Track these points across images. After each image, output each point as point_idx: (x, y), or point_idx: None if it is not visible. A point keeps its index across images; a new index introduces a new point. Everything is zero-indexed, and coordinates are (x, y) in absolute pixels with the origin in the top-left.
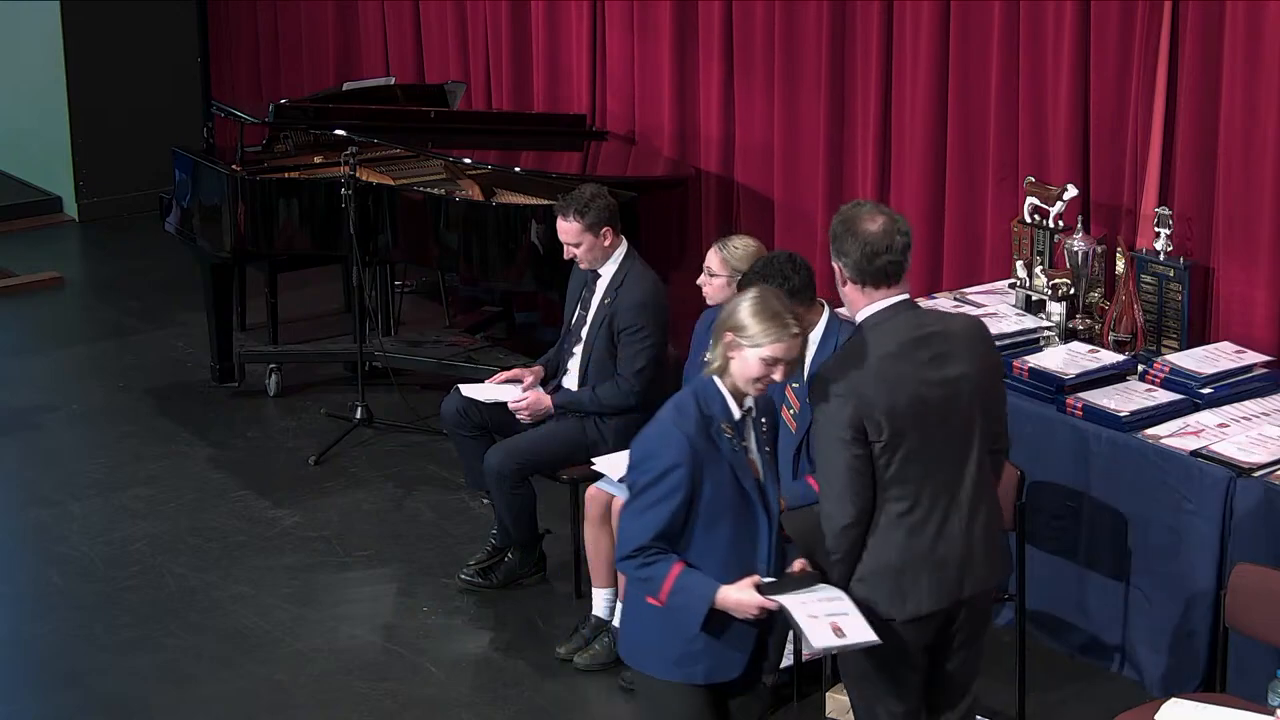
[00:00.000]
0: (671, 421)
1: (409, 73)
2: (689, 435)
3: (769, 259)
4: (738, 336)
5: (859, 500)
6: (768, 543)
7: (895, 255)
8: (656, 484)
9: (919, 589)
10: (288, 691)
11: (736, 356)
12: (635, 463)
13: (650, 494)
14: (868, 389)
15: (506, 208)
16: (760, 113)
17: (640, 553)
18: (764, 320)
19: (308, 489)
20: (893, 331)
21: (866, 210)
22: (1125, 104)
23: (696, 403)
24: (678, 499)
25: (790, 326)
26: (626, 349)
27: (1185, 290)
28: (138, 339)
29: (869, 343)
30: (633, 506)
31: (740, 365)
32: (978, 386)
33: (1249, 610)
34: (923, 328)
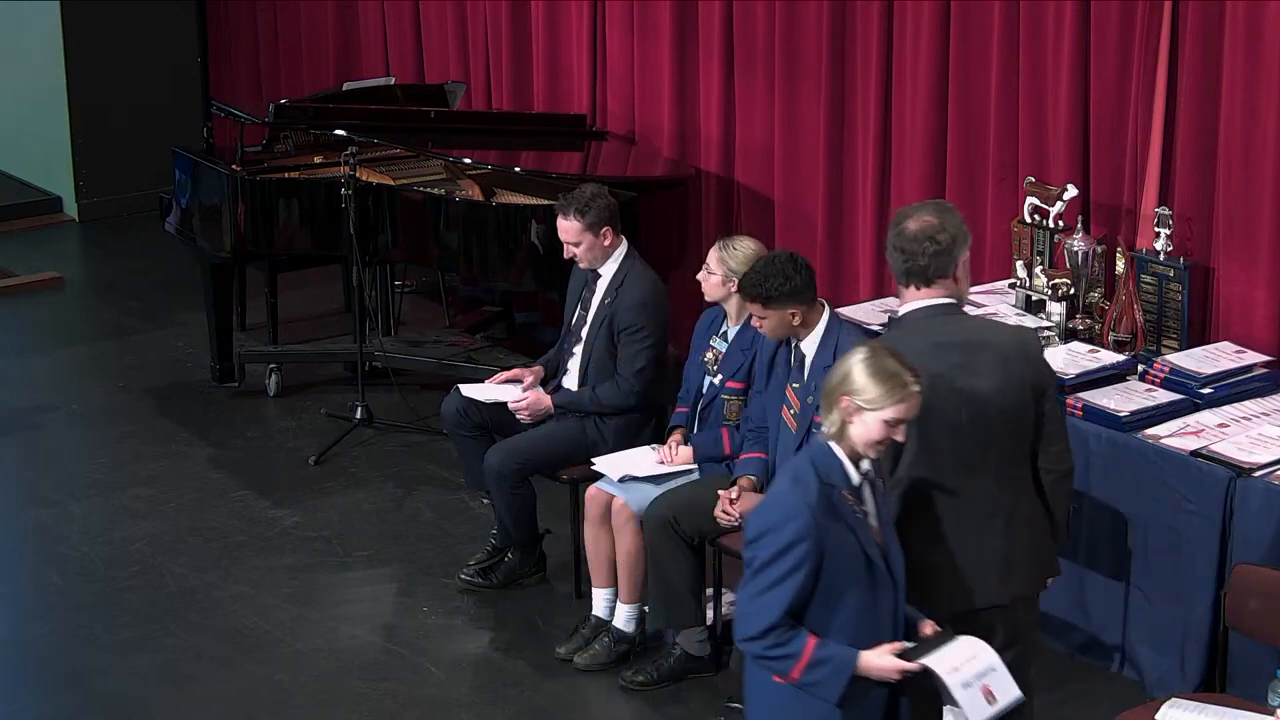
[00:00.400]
0: (791, 493)
1: (409, 73)
2: (810, 506)
3: (770, 259)
4: (855, 400)
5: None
6: (895, 609)
7: (922, 259)
8: (779, 559)
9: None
10: (288, 691)
11: (856, 420)
12: (754, 538)
13: (773, 570)
14: None
15: (506, 208)
16: (760, 113)
17: (769, 633)
18: (883, 381)
19: (308, 489)
20: (925, 332)
21: (914, 209)
22: (1125, 104)
23: (815, 471)
24: (803, 573)
25: (910, 384)
26: (626, 349)
27: (1185, 290)
28: (138, 339)
29: (899, 339)
30: (754, 585)
31: (861, 429)
32: (1006, 404)
33: (1249, 610)
34: (958, 334)
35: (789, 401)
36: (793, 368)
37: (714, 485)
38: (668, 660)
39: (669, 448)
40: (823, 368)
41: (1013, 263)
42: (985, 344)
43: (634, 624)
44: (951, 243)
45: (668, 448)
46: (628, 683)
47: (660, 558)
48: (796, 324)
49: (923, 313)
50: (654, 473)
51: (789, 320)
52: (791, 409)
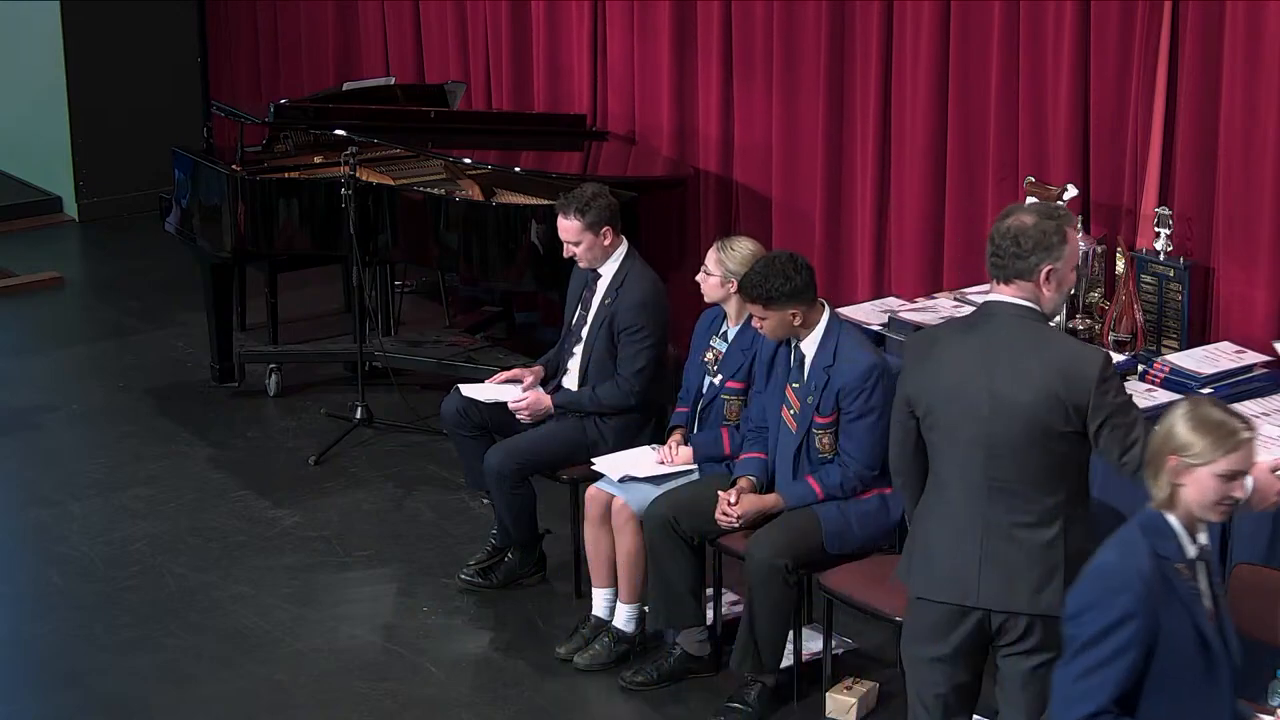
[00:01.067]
0: (1120, 564)
1: (409, 73)
2: (1143, 577)
3: (770, 259)
4: (1183, 458)
5: (893, 458)
6: (1232, 702)
7: (1001, 257)
8: (1106, 638)
9: (924, 571)
10: (288, 691)
11: (1187, 480)
12: (1076, 613)
13: (1098, 651)
14: (911, 367)
15: (506, 208)
16: (759, 113)
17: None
18: (1208, 431)
19: (308, 489)
20: (994, 330)
21: (1021, 209)
22: (1125, 104)
23: (1147, 542)
24: (1132, 655)
25: (1240, 431)
26: (626, 349)
27: (1185, 290)
28: (138, 339)
29: (968, 324)
30: (1075, 666)
31: (1195, 490)
32: (1032, 416)
33: (1249, 610)
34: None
35: (789, 401)
36: (792, 368)
37: (714, 485)
38: (668, 660)
39: (669, 448)
40: (822, 368)
41: None
42: (1034, 352)
43: (634, 624)
44: (1034, 248)
45: (668, 448)
46: (628, 683)
47: (660, 558)
48: (797, 324)
49: (994, 308)
50: (654, 473)
51: (789, 321)
52: (791, 409)
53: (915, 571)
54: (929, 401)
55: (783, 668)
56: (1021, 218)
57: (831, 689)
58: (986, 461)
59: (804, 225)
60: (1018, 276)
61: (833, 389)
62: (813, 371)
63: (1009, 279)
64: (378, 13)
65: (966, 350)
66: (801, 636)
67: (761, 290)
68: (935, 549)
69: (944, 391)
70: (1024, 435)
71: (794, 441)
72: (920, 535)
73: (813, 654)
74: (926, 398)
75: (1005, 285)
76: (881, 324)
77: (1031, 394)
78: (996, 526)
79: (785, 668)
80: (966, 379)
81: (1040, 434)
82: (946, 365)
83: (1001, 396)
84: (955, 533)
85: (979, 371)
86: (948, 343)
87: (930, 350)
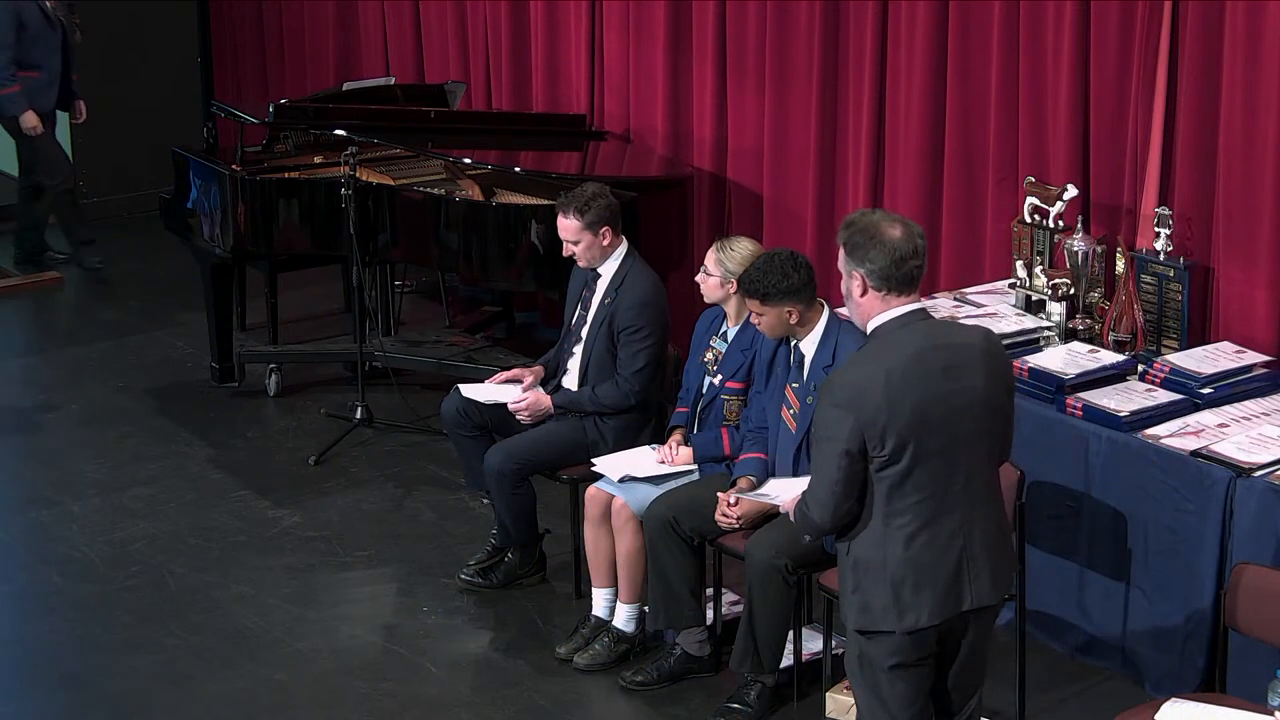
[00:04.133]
0: None
1: (409, 73)
2: None
3: (770, 256)
4: None
5: (839, 511)
6: None
7: (919, 260)
8: None
9: (919, 601)
10: (288, 691)
11: None
12: None
13: None
14: (872, 404)
15: (506, 208)
16: (752, 114)
17: None
18: None
19: (308, 489)
20: (906, 341)
21: (881, 217)
22: (1125, 104)
23: None
24: None
25: None
26: (626, 349)
27: (1185, 290)
28: (138, 339)
29: (880, 353)
30: None
31: None
32: (987, 400)
33: (1249, 610)
34: (936, 338)
35: (788, 401)
36: (792, 367)
37: (714, 485)
38: (668, 660)
39: (669, 448)
40: (822, 368)
41: (1013, 263)
42: (963, 344)
43: (634, 624)
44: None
45: (668, 448)
46: (628, 683)
47: (660, 558)
48: (794, 322)
49: (902, 320)
50: (654, 473)
51: (786, 318)
52: (791, 409)
53: (909, 609)
54: (894, 439)
55: (783, 668)
56: (909, 224)
57: (831, 689)
58: (964, 465)
59: (797, 226)
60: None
61: None
62: (812, 371)
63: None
64: (378, 13)
65: (912, 371)
66: (801, 636)
67: (759, 286)
68: (925, 576)
69: (907, 420)
70: (988, 424)
71: (794, 441)
72: (892, 571)
73: (813, 654)
74: (884, 434)
75: (912, 294)
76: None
77: (985, 383)
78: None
79: (785, 668)
80: (926, 397)
81: (993, 417)
82: (897, 396)
83: (961, 396)
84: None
85: (927, 386)
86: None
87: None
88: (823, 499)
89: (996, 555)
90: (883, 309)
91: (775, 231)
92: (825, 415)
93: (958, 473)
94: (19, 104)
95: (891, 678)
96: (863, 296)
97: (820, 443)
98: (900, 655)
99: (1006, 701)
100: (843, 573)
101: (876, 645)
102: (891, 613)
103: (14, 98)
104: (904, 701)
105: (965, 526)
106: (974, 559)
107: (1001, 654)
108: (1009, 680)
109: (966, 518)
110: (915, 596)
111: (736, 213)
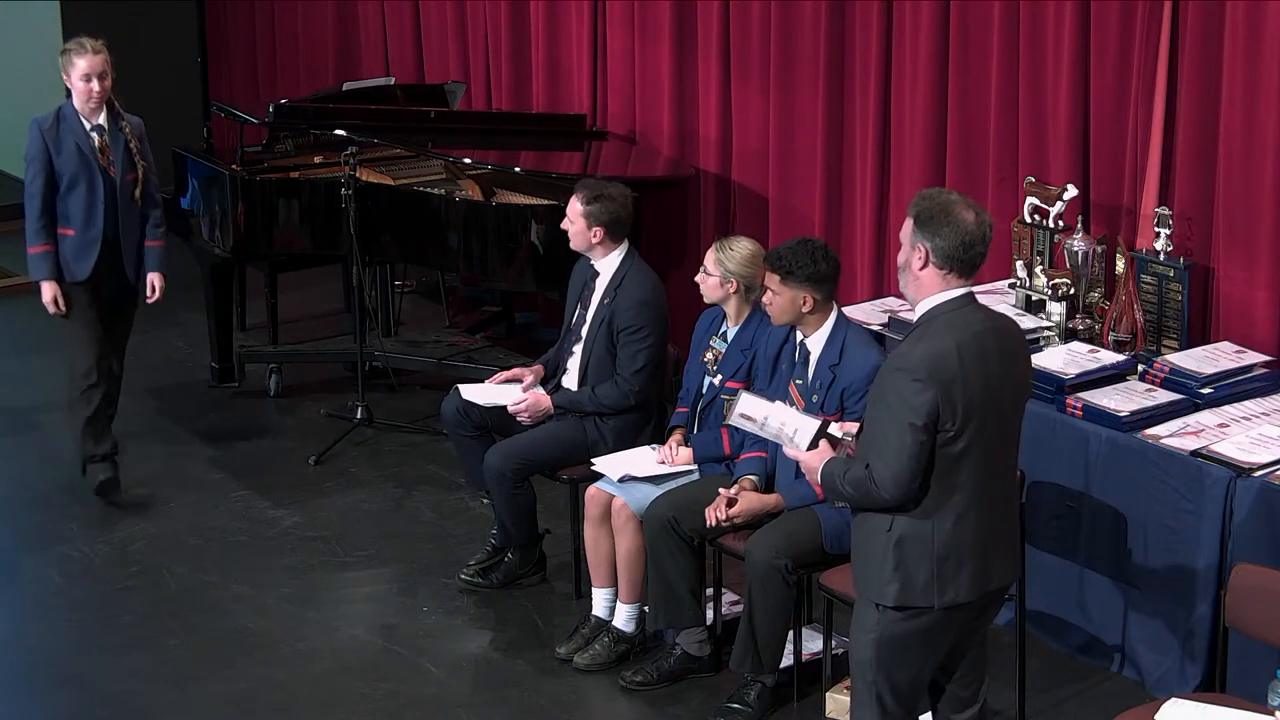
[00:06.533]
0: None
1: (409, 73)
2: None
3: (805, 240)
4: None
5: (910, 488)
6: None
7: (984, 249)
8: None
9: (960, 578)
10: (288, 691)
11: None
12: None
13: None
14: (951, 377)
15: (506, 208)
16: (757, 113)
17: None
18: None
19: (308, 489)
20: (968, 322)
21: (958, 199)
22: (1125, 104)
23: None
24: None
25: None
26: (626, 349)
27: (1185, 290)
28: (138, 339)
29: (948, 330)
30: None
31: None
32: (1028, 385)
33: (1249, 610)
34: (991, 320)
35: (792, 399)
36: (797, 364)
37: (714, 485)
38: (668, 660)
39: (669, 448)
40: (828, 366)
41: (1013, 263)
42: (1008, 329)
43: (634, 624)
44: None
45: (668, 448)
46: (628, 683)
47: (660, 558)
48: (805, 310)
49: (959, 302)
50: (654, 473)
51: (799, 304)
52: (794, 406)
53: (949, 585)
54: (964, 414)
55: (782, 668)
56: (982, 212)
57: (831, 689)
58: (1006, 446)
59: (803, 226)
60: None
61: (838, 387)
62: (818, 369)
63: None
64: (378, 13)
65: (978, 350)
66: (801, 636)
67: (785, 263)
68: (966, 553)
69: (977, 397)
70: (1021, 407)
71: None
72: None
73: (813, 654)
74: (959, 408)
75: (970, 279)
76: (881, 324)
77: (1024, 367)
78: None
79: (785, 668)
80: (989, 378)
81: (1023, 400)
82: (970, 372)
83: (1011, 380)
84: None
85: (988, 367)
86: (959, 350)
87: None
88: (899, 474)
89: (1014, 537)
90: (942, 288)
91: (780, 231)
92: (901, 388)
93: (1001, 453)
94: (38, 268)
95: (909, 656)
96: (922, 270)
97: (892, 420)
98: (928, 632)
99: (1006, 701)
100: (879, 550)
101: (904, 623)
102: (933, 588)
103: (36, 259)
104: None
105: (1000, 506)
106: (1002, 539)
107: (1001, 654)
108: (1009, 680)
109: (1001, 498)
110: (957, 573)
111: (741, 212)
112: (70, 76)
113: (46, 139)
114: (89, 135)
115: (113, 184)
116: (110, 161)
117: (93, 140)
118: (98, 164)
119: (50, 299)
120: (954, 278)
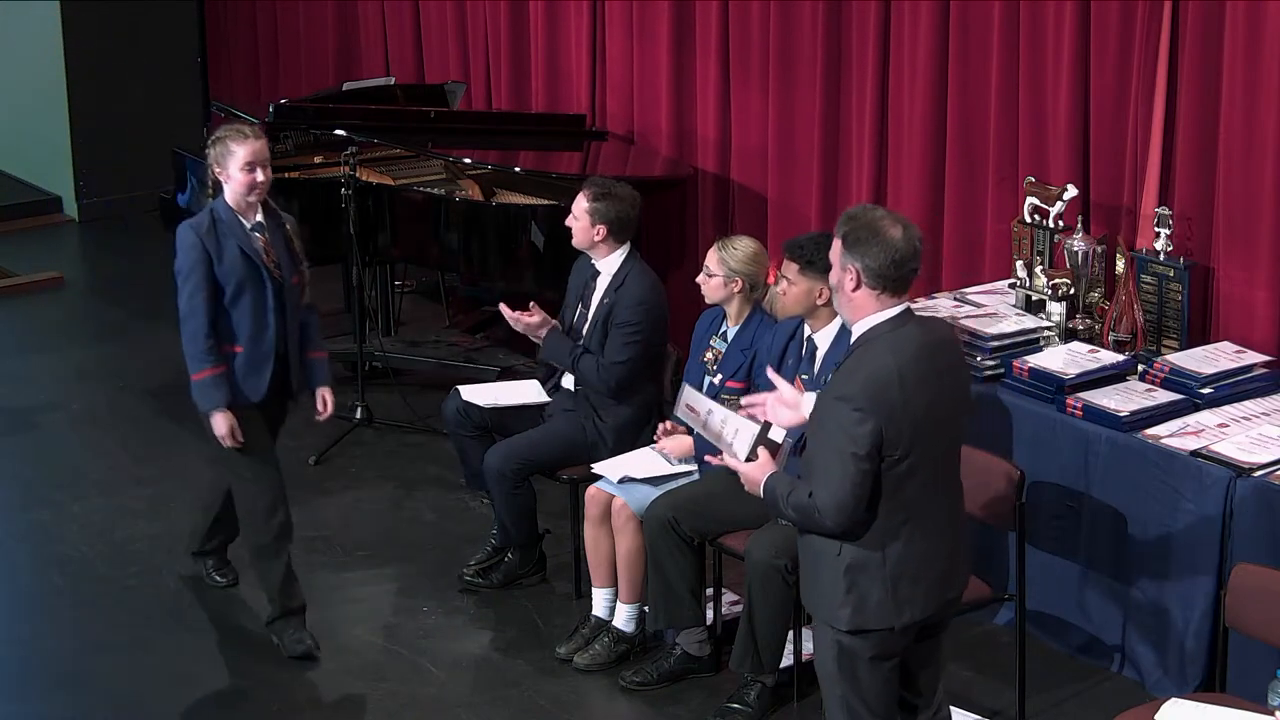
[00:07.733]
0: None
1: (409, 73)
2: None
3: (824, 233)
4: None
5: (854, 517)
6: None
7: (917, 264)
8: None
9: (915, 596)
10: (288, 691)
11: None
12: None
13: None
14: (893, 404)
15: (506, 208)
16: (755, 114)
17: None
18: None
19: (308, 489)
20: (907, 340)
21: (884, 215)
22: (1125, 104)
23: None
24: None
25: None
26: (614, 340)
27: (1185, 290)
28: (138, 339)
29: (887, 353)
30: None
31: None
32: (967, 394)
33: (1249, 610)
34: (927, 336)
35: None
36: (803, 359)
37: (714, 485)
38: (668, 660)
39: (661, 431)
40: (834, 362)
41: (1013, 263)
42: (946, 341)
43: (634, 624)
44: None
45: (659, 432)
46: (627, 683)
47: (660, 558)
48: (819, 303)
49: (897, 321)
50: (653, 473)
51: (814, 296)
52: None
53: (905, 604)
54: (909, 439)
55: (782, 668)
56: (909, 226)
57: None
58: (951, 459)
59: (801, 225)
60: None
61: None
62: (825, 365)
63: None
64: (378, 13)
65: (918, 370)
66: (801, 636)
67: (805, 252)
68: (920, 570)
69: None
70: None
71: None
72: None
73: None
74: (902, 434)
75: (904, 295)
76: None
77: (964, 378)
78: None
79: (785, 668)
80: (933, 396)
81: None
82: (911, 395)
83: (954, 393)
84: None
85: (931, 385)
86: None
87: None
88: (842, 502)
89: (965, 543)
90: (876, 309)
91: (779, 231)
92: (842, 417)
93: (948, 465)
94: (209, 397)
95: (873, 670)
96: (855, 291)
97: (831, 450)
98: (887, 648)
99: (1006, 701)
100: (829, 573)
101: (863, 641)
102: (888, 609)
103: (207, 386)
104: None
105: (949, 516)
106: (955, 549)
107: (1001, 654)
108: (1009, 680)
109: (950, 507)
110: (912, 590)
111: (740, 212)
112: (227, 169)
113: (206, 244)
114: (250, 236)
115: (279, 290)
116: (275, 264)
117: (255, 241)
118: (265, 268)
119: (228, 430)
120: (888, 296)
